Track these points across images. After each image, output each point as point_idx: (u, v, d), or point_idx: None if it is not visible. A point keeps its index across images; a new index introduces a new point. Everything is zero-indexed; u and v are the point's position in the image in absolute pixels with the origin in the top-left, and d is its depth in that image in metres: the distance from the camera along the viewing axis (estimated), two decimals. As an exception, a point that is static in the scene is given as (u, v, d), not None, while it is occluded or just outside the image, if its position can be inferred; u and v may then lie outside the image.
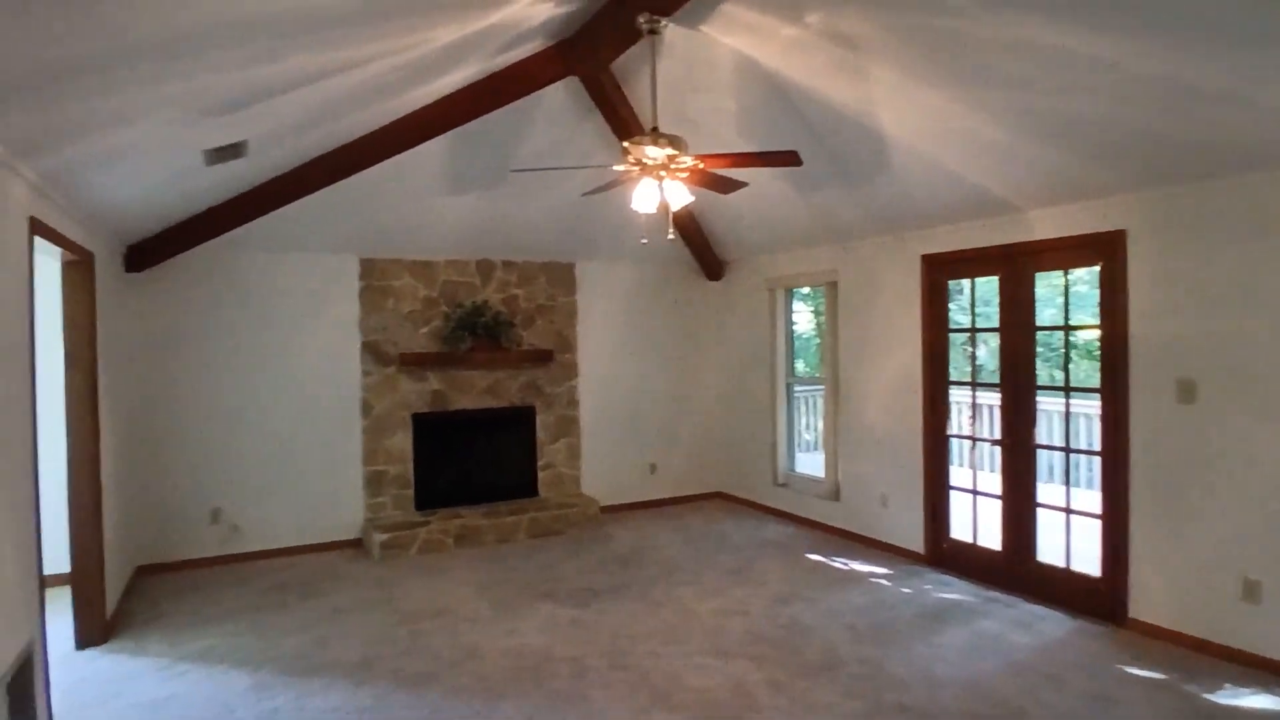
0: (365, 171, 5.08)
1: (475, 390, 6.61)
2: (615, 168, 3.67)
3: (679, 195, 3.63)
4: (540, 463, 6.89)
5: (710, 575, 5.32)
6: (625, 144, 3.44)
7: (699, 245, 7.20)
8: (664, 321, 7.52)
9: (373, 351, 6.26)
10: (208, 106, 3.22)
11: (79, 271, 4.14)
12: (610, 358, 7.23)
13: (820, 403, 7.68)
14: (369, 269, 6.27)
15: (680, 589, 5.02)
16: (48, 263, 4.06)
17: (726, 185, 3.98)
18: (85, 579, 4.19)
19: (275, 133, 4.06)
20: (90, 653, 4.13)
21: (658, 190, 3.59)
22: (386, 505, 6.30)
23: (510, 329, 6.65)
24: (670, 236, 4.56)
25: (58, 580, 4.36)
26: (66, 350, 4.11)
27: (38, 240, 3.46)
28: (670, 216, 4.11)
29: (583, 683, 3.71)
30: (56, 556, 4.18)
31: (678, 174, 3.64)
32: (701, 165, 3.60)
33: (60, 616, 4.17)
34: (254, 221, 5.36)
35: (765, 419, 7.09)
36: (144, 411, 5.57)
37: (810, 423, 8.71)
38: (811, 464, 7.24)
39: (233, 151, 3.92)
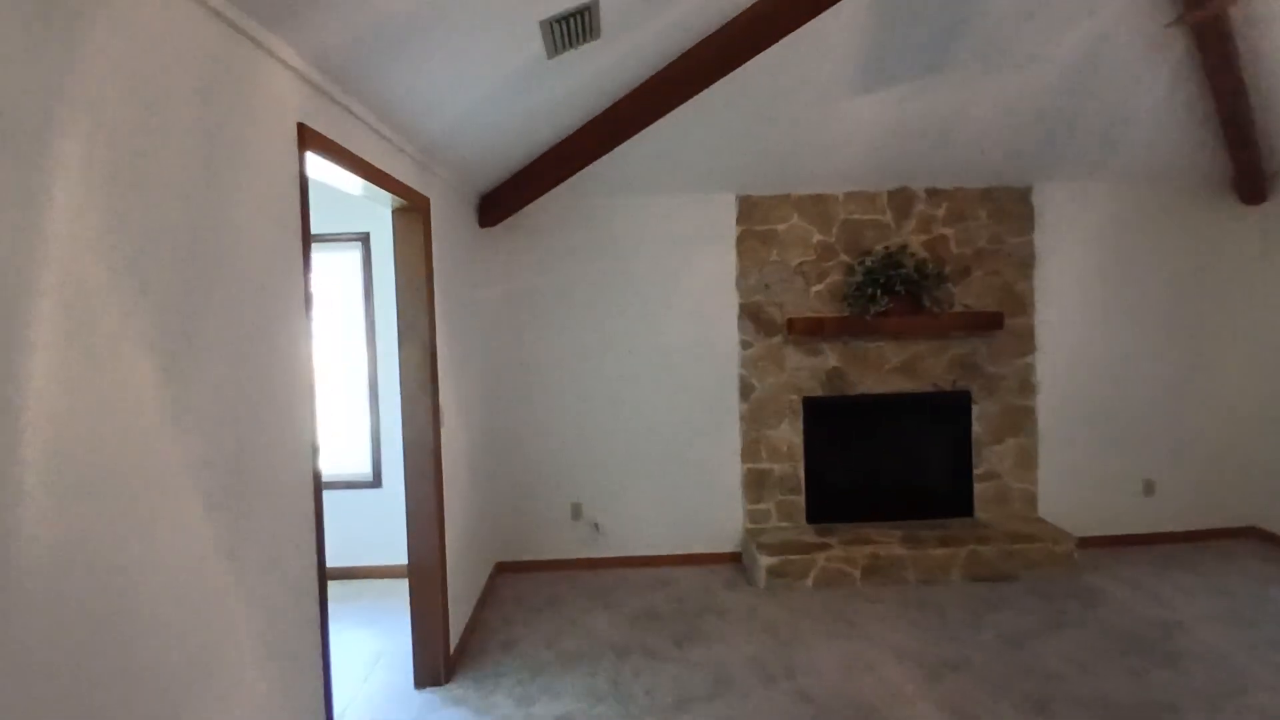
0: (744, 73, 3.62)
1: (885, 368, 4.88)
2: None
3: None
4: (977, 471, 4.95)
5: (1343, 712, 2.99)
6: None
7: (1244, 141, 4.55)
8: (1170, 271, 5.00)
9: (753, 316, 4.85)
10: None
11: (411, 222, 3.25)
12: (1084, 324, 4.97)
13: None
14: (748, 210, 4.84)
15: (1299, 741, 2.82)
16: (378, 211, 3.24)
17: None
18: (424, 604, 3.37)
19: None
20: (428, 696, 3.31)
21: None
22: (770, 514, 4.91)
23: (939, 284, 4.78)
24: None
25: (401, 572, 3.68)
26: (399, 319, 3.27)
27: (367, 187, 2.53)
28: None
29: None
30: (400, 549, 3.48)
31: None
32: None
33: (400, 622, 3.45)
34: (610, 155, 4.22)
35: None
36: (499, 388, 4.83)
37: None
38: None
39: (580, 23, 2.64)
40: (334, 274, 4.82)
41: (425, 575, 3.39)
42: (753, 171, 4.64)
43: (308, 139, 2.06)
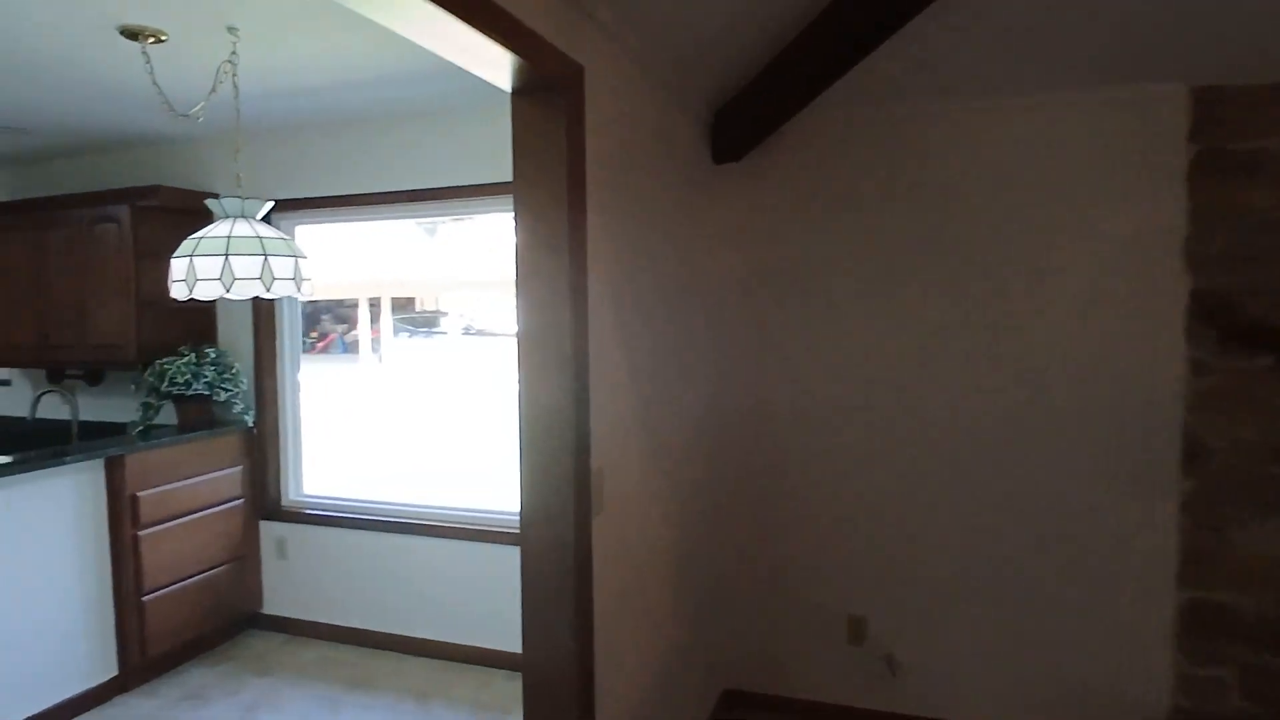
0: None
1: None
2: None
3: None
4: None
5: None
6: None
7: None
8: None
9: (1213, 314, 2.59)
10: None
11: (541, 116, 1.58)
12: None
13: None
14: (1213, 114, 2.57)
15: None
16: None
17: None
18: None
19: None
20: None
21: None
22: (1227, 686, 2.63)
23: None
24: None
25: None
26: (519, 297, 1.63)
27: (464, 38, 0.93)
28: None
29: None
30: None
31: None
32: None
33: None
34: (930, 18, 2.24)
35: None
36: (731, 422, 3.08)
37: None
38: None
39: None
40: (505, 239, 3.43)
41: (549, 704, 1.76)
42: (1224, 37, 2.37)
43: None
